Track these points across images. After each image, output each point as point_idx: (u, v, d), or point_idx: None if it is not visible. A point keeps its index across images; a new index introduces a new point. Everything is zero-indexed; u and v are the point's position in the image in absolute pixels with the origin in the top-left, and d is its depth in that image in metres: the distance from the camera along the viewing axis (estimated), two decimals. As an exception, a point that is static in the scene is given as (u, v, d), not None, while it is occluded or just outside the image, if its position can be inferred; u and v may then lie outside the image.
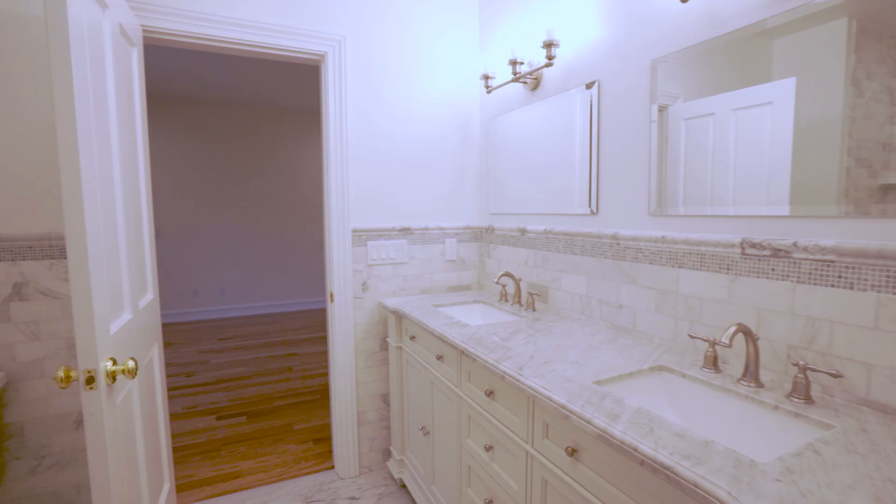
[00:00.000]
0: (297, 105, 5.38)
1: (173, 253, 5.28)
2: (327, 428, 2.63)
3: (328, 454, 2.34)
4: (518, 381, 1.11)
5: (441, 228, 2.25)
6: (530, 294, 1.79)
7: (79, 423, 1.71)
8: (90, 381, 1.07)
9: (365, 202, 2.09)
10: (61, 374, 1.04)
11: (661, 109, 1.32)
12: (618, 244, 1.50)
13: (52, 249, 1.62)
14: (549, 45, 1.64)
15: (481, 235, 2.33)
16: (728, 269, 1.16)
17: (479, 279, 2.36)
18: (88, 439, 1.08)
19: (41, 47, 1.57)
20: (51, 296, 1.63)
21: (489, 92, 2.04)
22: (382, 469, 2.21)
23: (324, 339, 4.50)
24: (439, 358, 1.59)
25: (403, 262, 2.18)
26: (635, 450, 0.79)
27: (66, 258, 1.64)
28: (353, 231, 2.07)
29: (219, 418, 2.78)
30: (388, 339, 2.10)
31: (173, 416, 2.81)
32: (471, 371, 1.41)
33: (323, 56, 1.99)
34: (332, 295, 2.09)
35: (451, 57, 2.21)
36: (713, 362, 1.13)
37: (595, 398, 0.97)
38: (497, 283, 1.78)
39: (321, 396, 3.09)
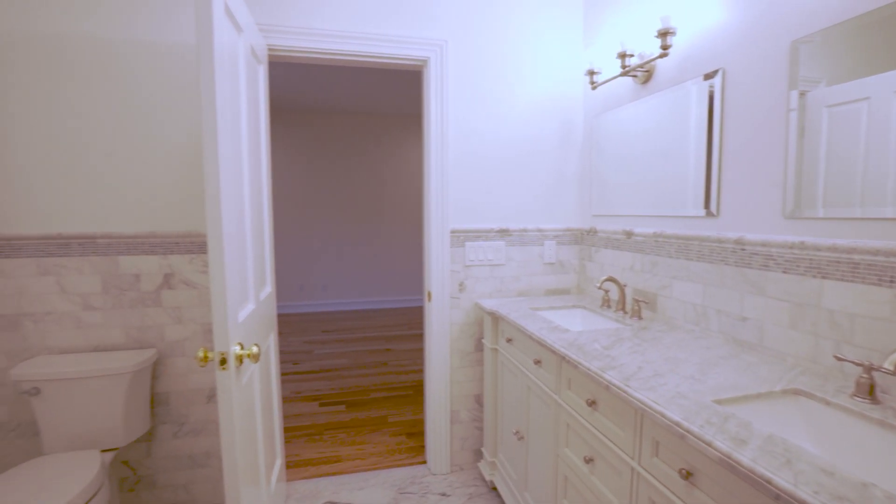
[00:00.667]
0: (398, 109, 5.61)
1: (283, 251, 5.80)
2: (420, 423, 2.70)
3: (420, 449, 2.41)
4: (625, 392, 1.04)
5: (540, 230, 2.20)
6: (636, 301, 1.68)
7: (209, 398, 1.94)
8: (223, 362, 1.20)
9: (464, 203, 2.11)
10: (200, 354, 1.18)
11: (801, 96, 1.16)
12: (742, 249, 1.34)
13: (192, 245, 1.86)
14: (664, 34, 1.52)
15: (582, 238, 2.24)
16: (892, 281, 0.98)
17: (579, 283, 2.27)
18: (221, 412, 1.21)
19: (183, 71, 1.81)
20: (191, 286, 1.87)
21: (594, 88, 1.95)
22: (473, 469, 2.21)
23: (418, 337, 4.64)
24: (537, 363, 1.55)
25: (501, 263, 2.17)
26: (769, 482, 0.69)
27: (203, 253, 1.87)
28: (452, 232, 2.11)
29: (321, 405, 3.00)
30: (483, 341, 2.10)
31: (283, 400, 3.08)
32: (571, 378, 1.35)
33: (425, 61, 2.05)
34: (429, 294, 2.14)
35: (552, 54, 2.15)
36: (868, 391, 0.96)
37: (716, 419, 0.88)
38: (599, 288, 1.69)
39: (414, 392, 3.19)
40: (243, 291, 1.43)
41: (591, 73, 1.94)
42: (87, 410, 1.64)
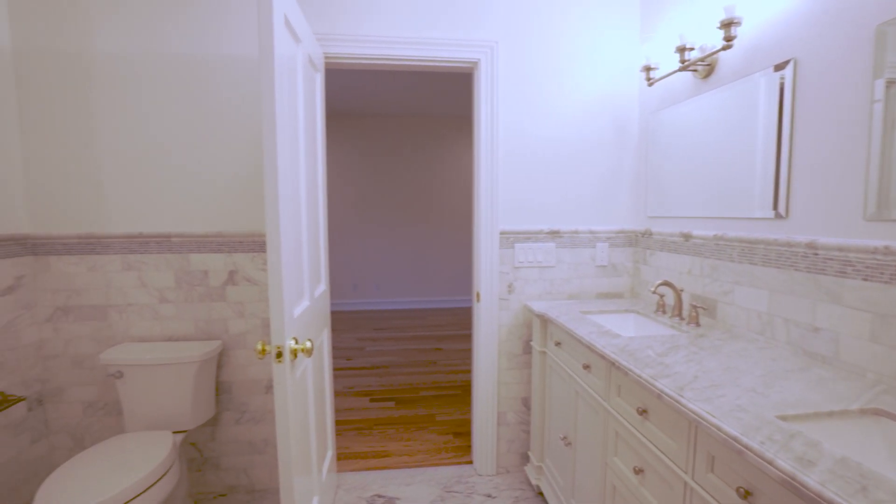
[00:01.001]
0: (451, 110, 5.66)
1: (338, 250, 6.01)
2: (467, 423, 2.71)
3: (467, 449, 2.41)
4: (677, 402, 0.99)
5: (592, 232, 2.14)
6: (693, 307, 1.59)
7: (267, 389, 2.05)
8: (279, 355, 1.27)
9: (513, 204, 2.10)
10: (259, 347, 1.25)
11: (888, 85, 1.05)
12: (815, 254, 1.24)
13: (254, 244, 1.98)
14: (727, 25, 1.43)
15: (636, 240, 2.15)
16: None
17: (633, 287, 2.18)
18: (276, 403, 1.28)
19: (247, 81, 1.92)
20: (252, 282, 1.99)
21: (650, 84, 1.87)
22: (519, 472, 2.19)
23: (468, 337, 4.66)
24: (586, 367, 1.51)
25: (551, 265, 2.13)
26: (840, 509, 0.64)
27: (263, 252, 1.98)
28: (501, 233, 2.10)
29: (372, 400, 3.08)
30: (531, 343, 2.07)
31: (335, 394, 3.19)
32: (621, 385, 1.31)
33: (476, 63, 2.05)
34: (478, 295, 2.15)
35: (606, 51, 2.08)
36: (965, 413, 0.85)
37: (779, 436, 0.82)
38: (654, 292, 1.62)
39: (463, 392, 3.20)
40: (299, 289, 1.50)
41: (648, 68, 1.86)
42: (162, 394, 1.79)
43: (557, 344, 1.79)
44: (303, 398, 1.50)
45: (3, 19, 1.76)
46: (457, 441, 2.50)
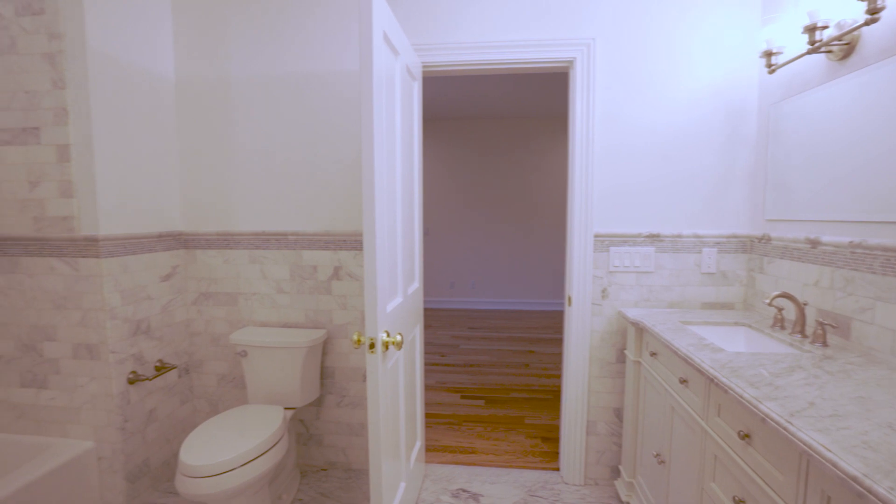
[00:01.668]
0: (545, 111, 5.55)
1: (437, 249, 6.21)
2: (556, 429, 2.65)
3: (554, 455, 2.36)
4: (784, 429, 0.89)
5: (697, 236, 1.97)
6: (820, 324, 1.39)
7: (364, 377, 2.21)
8: (371, 346, 1.38)
9: (609, 206, 2.01)
10: (355, 337, 1.37)
11: None
12: None
13: (356, 243, 2.15)
14: (870, -3, 1.23)
15: (751, 246, 1.93)
16: None
17: (746, 298, 1.96)
18: (368, 390, 1.39)
19: (352, 94, 2.09)
20: (354, 278, 2.17)
21: (772, 72, 1.67)
22: (609, 486, 2.09)
23: (561, 342, 4.53)
24: (683, 382, 1.41)
25: (649, 270, 2.00)
26: None
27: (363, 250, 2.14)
28: (595, 236, 2.02)
29: (462, 397, 3.15)
30: (625, 352, 1.97)
31: (427, 388, 3.33)
32: (721, 404, 1.20)
33: (571, 61, 2.00)
34: (569, 299, 2.10)
35: (717, 39, 1.90)
36: None
37: (915, 482, 0.70)
38: (770, 304, 1.45)
39: (554, 397, 3.14)
40: (392, 286, 1.60)
41: (769, 53, 1.66)
42: (276, 374, 2.03)
43: (653, 354, 1.68)
44: (393, 388, 1.60)
45: (169, 57, 2.14)
46: (545, 446, 2.47)
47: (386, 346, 1.43)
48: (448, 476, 2.16)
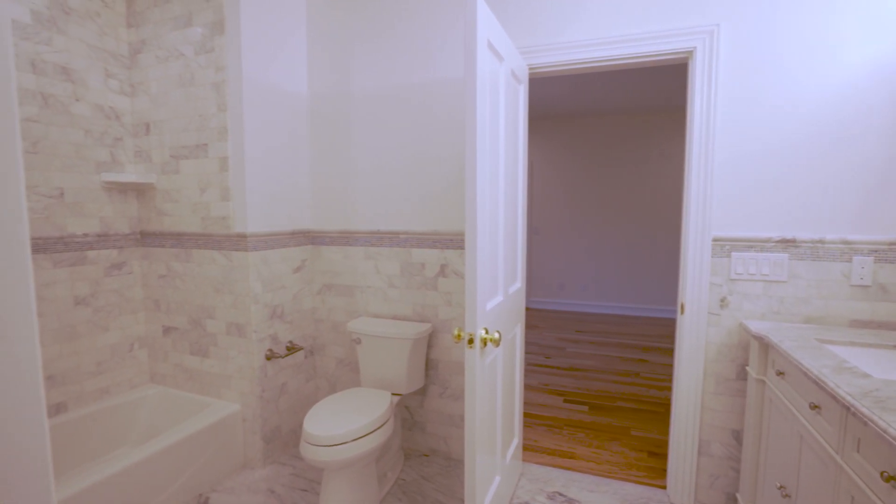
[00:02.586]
0: (662, 103, 5.12)
1: (547, 249, 6.11)
2: (665, 444, 2.48)
3: (661, 472, 2.22)
4: (937, 474, 0.75)
5: (846, 242, 1.70)
6: None
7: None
8: (470, 341, 1.45)
9: (732, 207, 1.83)
10: (455, 332, 1.45)
11: None
12: None
13: (461, 242, 2.24)
14: None
15: (922, 255, 1.61)
16: None
17: (913, 317, 1.64)
18: (466, 382, 1.46)
19: (451, 101, 2.18)
20: (459, 276, 2.26)
21: (955, 44, 1.37)
22: (726, 516, 1.91)
23: (677, 353, 4.18)
24: (814, 408, 1.24)
25: (780, 280, 1.78)
26: None
27: (468, 249, 2.23)
28: (714, 240, 1.86)
29: (565, 401, 3.09)
30: (747, 368, 1.78)
31: (529, 388, 3.32)
32: (860, 438, 1.04)
33: (691, 52, 1.86)
34: (682, 306, 1.96)
35: (876, 7, 1.61)
36: None
37: None
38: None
39: (664, 411, 2.92)
40: (493, 285, 1.66)
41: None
42: (384, 361, 2.21)
43: (780, 374, 1.50)
44: (491, 384, 1.66)
45: (303, 77, 2.45)
46: (651, 461, 2.32)
47: (484, 342, 1.49)
48: (545, 477, 2.16)
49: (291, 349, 2.37)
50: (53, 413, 2.08)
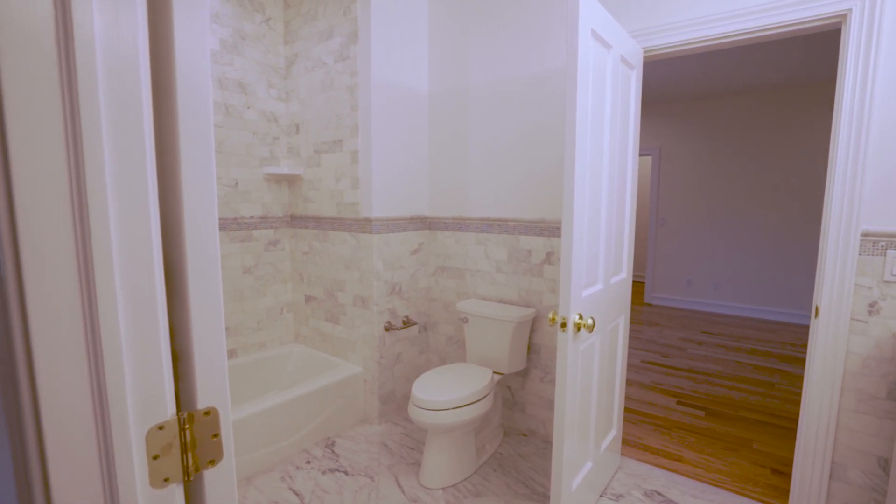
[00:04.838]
0: (807, 79, 4.31)
1: (674, 241, 5.65)
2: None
3: (784, 493, 2.00)
4: None
5: None
6: None
7: (568, 359, 2.33)
8: (563, 325, 1.51)
9: (889, 195, 1.57)
10: (550, 315, 1.53)
11: None
12: None
13: (568, 231, 2.26)
14: None
15: None
16: None
17: None
18: (558, 364, 1.53)
19: (556, 92, 2.17)
20: (563, 263, 2.29)
21: None
22: (863, 551, 1.67)
23: (831, 367, 3.60)
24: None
25: (957, 286, 1.49)
26: None
27: (574, 238, 2.24)
28: (864, 234, 1.62)
29: (678, 403, 2.91)
30: (898, 387, 1.54)
31: (639, 385, 3.18)
32: None
33: (845, 15, 1.62)
34: (816, 309, 1.74)
35: None
36: None
37: None
38: None
39: (802, 429, 2.59)
40: (591, 274, 1.67)
41: None
42: (488, 341, 2.35)
43: (936, 394, 1.28)
44: (586, 370, 1.68)
45: (424, 75, 2.66)
46: (773, 479, 2.10)
47: (578, 327, 1.54)
48: (644, 475, 2.11)
49: (407, 323, 2.64)
50: (229, 357, 2.64)
